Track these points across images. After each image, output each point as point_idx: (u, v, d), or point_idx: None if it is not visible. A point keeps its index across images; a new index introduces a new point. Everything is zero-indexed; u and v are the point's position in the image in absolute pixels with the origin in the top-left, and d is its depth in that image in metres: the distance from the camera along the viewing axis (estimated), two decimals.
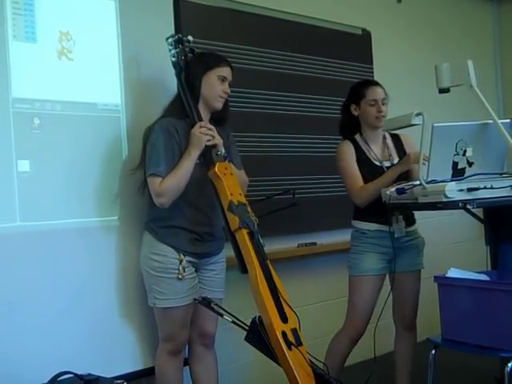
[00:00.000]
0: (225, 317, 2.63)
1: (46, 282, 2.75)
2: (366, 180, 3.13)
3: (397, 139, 3.31)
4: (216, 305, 2.67)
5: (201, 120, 2.83)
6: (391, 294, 3.24)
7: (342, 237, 3.77)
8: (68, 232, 2.83)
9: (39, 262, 2.74)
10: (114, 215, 3.00)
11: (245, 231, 2.65)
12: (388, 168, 3.17)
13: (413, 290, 3.24)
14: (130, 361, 3.02)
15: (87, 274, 2.88)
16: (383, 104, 3.19)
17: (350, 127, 3.28)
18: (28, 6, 2.82)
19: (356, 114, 3.24)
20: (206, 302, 2.66)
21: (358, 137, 3.26)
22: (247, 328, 2.58)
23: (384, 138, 3.29)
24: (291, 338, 2.52)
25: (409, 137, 3.30)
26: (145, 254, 2.86)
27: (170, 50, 2.97)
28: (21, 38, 2.79)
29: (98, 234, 2.94)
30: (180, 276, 2.79)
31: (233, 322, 2.61)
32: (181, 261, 2.80)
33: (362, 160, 3.19)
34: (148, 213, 2.91)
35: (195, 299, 2.74)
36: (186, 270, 2.81)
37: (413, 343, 3.30)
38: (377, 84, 3.26)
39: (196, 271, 2.89)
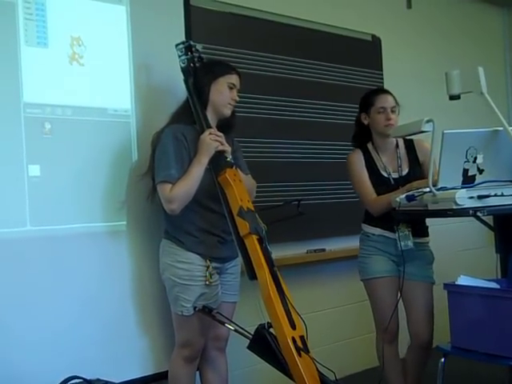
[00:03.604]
0: (227, 325, 2.62)
1: (57, 286, 2.76)
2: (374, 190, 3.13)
3: (410, 144, 3.28)
4: (218, 313, 2.67)
5: (209, 127, 2.84)
6: (404, 308, 3.20)
7: (350, 243, 3.76)
8: (77, 236, 2.84)
9: (50, 266, 2.75)
10: (122, 220, 3.00)
11: (255, 237, 2.64)
12: (397, 179, 3.15)
13: (425, 304, 3.16)
14: (141, 366, 3.02)
15: (97, 278, 2.88)
16: (392, 112, 3.17)
17: (361, 136, 3.27)
18: (40, 11, 2.84)
19: (366, 122, 3.22)
20: (208, 311, 2.67)
21: (370, 145, 3.25)
22: (251, 336, 2.58)
23: (397, 145, 3.25)
24: (300, 345, 2.51)
25: (423, 141, 3.24)
26: (168, 263, 2.85)
27: (179, 56, 2.98)
28: (32, 43, 2.80)
29: (107, 239, 2.94)
30: (208, 282, 2.80)
31: (235, 330, 2.60)
32: (207, 267, 2.81)
33: (370, 170, 3.19)
34: (166, 220, 2.90)
35: (195, 307, 2.75)
36: (212, 276, 2.82)
37: (426, 360, 3.21)
38: (386, 92, 3.24)
39: (218, 275, 2.90)
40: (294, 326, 2.55)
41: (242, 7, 3.65)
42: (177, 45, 3.00)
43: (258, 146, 3.63)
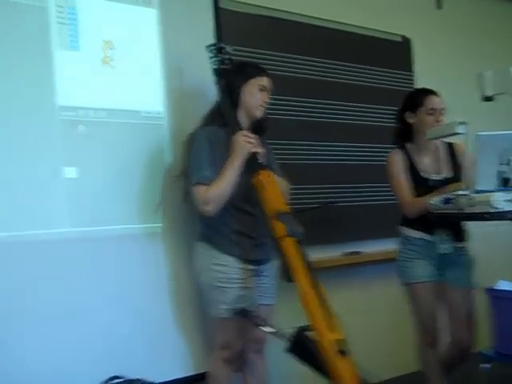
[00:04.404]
0: (264, 328, 2.59)
1: (95, 287, 2.77)
2: (412, 191, 3.08)
3: (450, 148, 3.22)
4: (255, 315, 2.64)
5: (241, 129, 2.82)
6: (445, 312, 3.13)
7: (386, 246, 3.70)
8: (115, 238, 2.85)
9: (88, 266, 2.76)
10: (158, 222, 2.99)
11: (291, 240, 2.61)
12: (436, 181, 3.10)
13: (466, 309, 3.08)
14: (181, 367, 3.01)
15: (134, 279, 2.88)
16: (441, 114, 3.13)
17: (404, 135, 3.21)
18: (72, 15, 2.85)
19: (411, 121, 3.17)
20: (244, 313, 2.64)
21: (409, 145, 3.19)
22: (289, 339, 2.54)
23: (436, 147, 3.20)
24: (339, 348, 2.47)
25: (462, 145, 3.17)
26: (204, 266, 2.83)
27: (210, 58, 2.97)
28: (65, 47, 2.82)
29: (144, 241, 2.94)
30: (244, 285, 2.77)
31: (272, 333, 2.57)
32: (244, 269, 2.79)
33: (410, 171, 3.13)
34: (201, 223, 2.88)
35: (231, 310, 2.72)
36: (249, 278, 2.80)
37: (461, 364, 3.12)
38: (436, 93, 3.18)
39: (254, 277, 2.87)
40: (332, 329, 2.51)
41: (271, 9, 3.63)
42: (208, 46, 3.00)
43: (291, 148, 3.61)
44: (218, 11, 3.37)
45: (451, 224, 3.03)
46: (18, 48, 2.67)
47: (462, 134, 2.79)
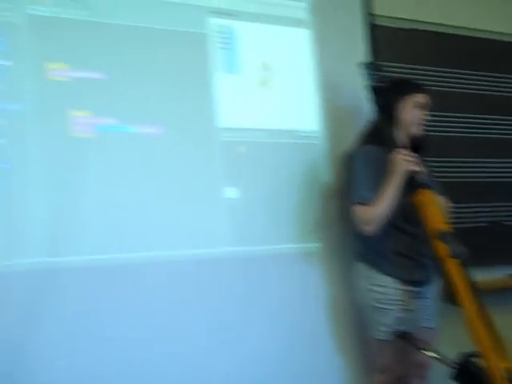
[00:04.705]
0: (425, 352, 2.51)
1: (250, 306, 2.79)
2: None
3: None
4: (416, 339, 2.56)
5: (398, 147, 2.77)
6: None
7: None
8: (272, 257, 2.87)
9: (245, 285, 2.79)
10: (315, 242, 3.00)
11: (455, 261, 2.52)
12: None
13: None
14: None
15: (290, 299, 2.88)
16: None
17: None
18: (230, 40, 2.94)
19: None
20: (405, 336, 2.57)
21: None
22: (453, 365, 2.44)
23: None
24: (509, 376, 2.35)
25: None
26: (365, 287, 2.81)
27: (365, 76, 2.94)
28: (225, 71, 2.90)
29: (301, 260, 2.94)
30: (405, 307, 2.72)
31: (436, 358, 2.48)
32: (404, 291, 2.73)
33: None
34: (360, 243, 2.85)
35: (392, 332, 2.65)
36: (409, 299, 2.74)
37: None
38: None
39: (415, 299, 2.80)
40: (501, 356, 2.39)
41: (425, 23, 3.56)
42: (362, 64, 2.97)
43: (456, 166, 3.51)
44: (371, 28, 3.35)
45: None
46: (181, 73, 2.79)
47: None
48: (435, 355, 2.53)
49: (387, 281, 2.74)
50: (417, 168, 2.71)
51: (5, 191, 2.37)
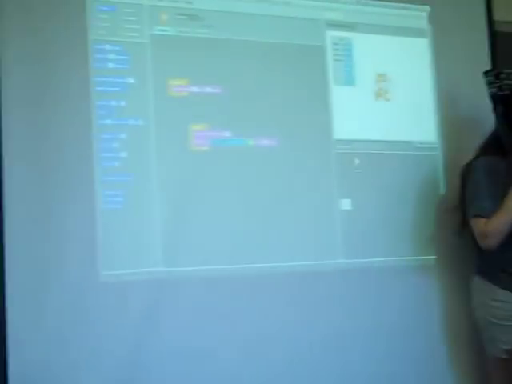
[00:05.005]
0: None
1: (362, 319, 2.77)
2: None
3: None
4: None
5: None
6: None
7: None
8: (386, 270, 2.84)
9: (359, 298, 2.79)
10: (431, 254, 2.94)
11: None
12: None
13: None
14: None
15: (404, 313, 2.85)
16: None
17: None
18: (347, 51, 2.95)
19: None
20: None
21: None
22: None
23: None
24: None
25: None
26: (482, 302, 2.72)
27: (487, 85, 2.85)
28: (341, 83, 2.92)
29: (416, 274, 2.90)
30: None
31: None
32: None
33: None
34: (478, 256, 2.77)
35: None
36: None
37: None
38: None
39: None
40: None
41: None
42: (485, 73, 2.88)
43: None
44: (493, 35, 3.25)
45: None
46: (297, 86, 2.82)
47: None
48: None
49: (507, 296, 2.63)
50: None
51: (126, 202, 2.50)
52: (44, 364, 2.32)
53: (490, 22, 3.26)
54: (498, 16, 3.28)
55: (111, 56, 2.55)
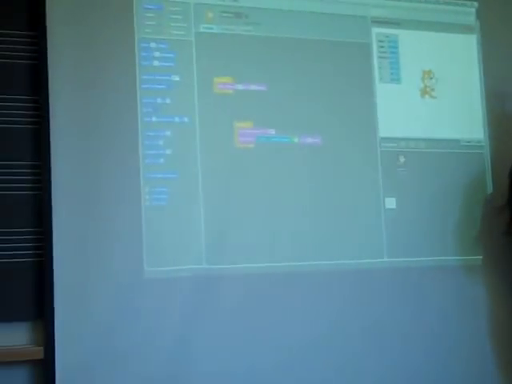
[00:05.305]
0: None
1: (404, 319, 2.75)
2: None
3: None
4: None
5: None
6: None
7: None
8: (431, 269, 2.81)
9: (402, 297, 2.76)
10: (477, 254, 2.89)
11: None
12: None
13: None
14: None
15: (452, 311, 2.82)
16: None
17: None
18: (392, 48, 2.92)
19: None
20: None
21: None
22: None
23: None
24: None
25: None
26: None
27: None
28: (386, 80, 2.89)
29: (461, 274, 2.86)
30: None
31: None
32: None
33: None
34: None
35: None
36: None
37: None
38: None
39: None
40: None
41: None
42: None
43: None
44: None
45: None
46: (342, 83, 2.81)
47: None
48: None
49: None
50: None
51: (171, 199, 2.52)
52: (92, 358, 2.36)
53: None
54: None
55: (157, 54, 2.57)
